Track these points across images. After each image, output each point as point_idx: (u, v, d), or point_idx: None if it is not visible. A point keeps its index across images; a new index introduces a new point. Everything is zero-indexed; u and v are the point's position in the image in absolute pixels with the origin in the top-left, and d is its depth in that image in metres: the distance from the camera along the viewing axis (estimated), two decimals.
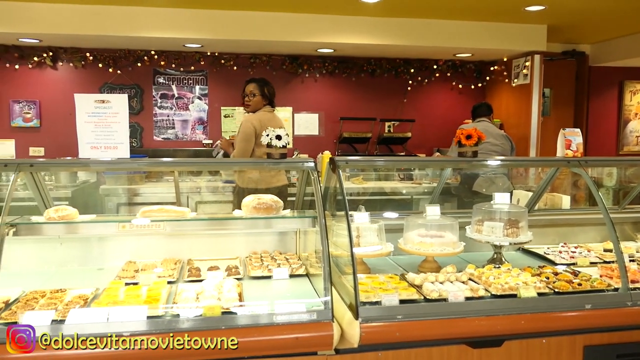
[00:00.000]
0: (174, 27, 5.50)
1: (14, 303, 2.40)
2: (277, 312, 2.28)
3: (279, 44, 5.94)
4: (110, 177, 5.19)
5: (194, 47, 6.11)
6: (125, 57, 6.26)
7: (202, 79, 6.52)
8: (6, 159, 5.33)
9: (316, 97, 6.85)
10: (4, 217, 2.29)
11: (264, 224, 2.77)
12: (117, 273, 2.87)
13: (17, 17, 5.29)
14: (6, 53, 6.08)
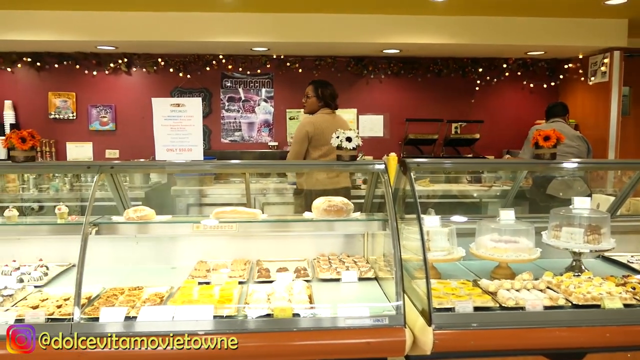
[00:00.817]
0: (241, 31, 5.60)
1: (96, 299, 2.50)
2: (348, 316, 2.26)
3: (344, 45, 5.93)
4: (181, 178, 5.35)
5: (260, 51, 6.20)
6: (195, 61, 6.45)
7: (268, 82, 6.61)
8: (89, 161, 5.62)
9: (381, 98, 6.80)
10: (87, 216, 2.40)
11: (334, 226, 2.76)
12: (190, 272, 2.94)
13: (96, 26, 5.55)
14: (85, 60, 6.40)
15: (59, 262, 3.14)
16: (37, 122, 6.41)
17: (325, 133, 4.38)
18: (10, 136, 2.52)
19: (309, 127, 4.40)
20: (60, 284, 2.85)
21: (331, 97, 4.53)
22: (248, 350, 2.16)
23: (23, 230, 2.78)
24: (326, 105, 4.54)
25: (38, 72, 6.44)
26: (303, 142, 4.39)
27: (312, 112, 4.56)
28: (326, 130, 4.38)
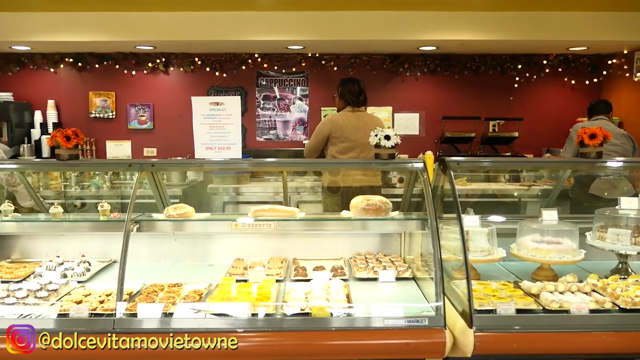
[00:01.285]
0: (277, 29, 5.62)
1: (137, 295, 2.55)
2: (386, 316, 2.24)
3: (379, 43, 5.88)
4: (218, 176, 5.40)
5: (295, 49, 6.20)
6: (231, 60, 6.49)
7: (303, 80, 6.61)
8: (131, 160, 5.72)
9: (417, 96, 6.71)
10: (129, 213, 2.44)
11: (372, 225, 2.73)
12: (227, 270, 2.97)
13: (135, 26, 5.65)
14: (124, 60, 6.53)
15: (99, 258, 3.21)
16: (78, 121, 6.57)
17: (343, 130, 4.41)
18: (55, 135, 2.59)
19: (328, 123, 4.46)
20: (102, 280, 2.91)
21: (351, 94, 4.50)
22: (287, 349, 2.16)
23: (67, 227, 2.85)
24: (347, 103, 4.53)
25: (79, 72, 6.60)
26: (318, 137, 4.47)
27: (339, 110, 4.60)
28: (345, 127, 4.42)
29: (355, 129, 4.39)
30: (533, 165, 4.49)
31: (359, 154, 4.32)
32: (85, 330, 2.19)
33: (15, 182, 4.14)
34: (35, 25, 5.63)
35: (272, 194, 5.46)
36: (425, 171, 2.59)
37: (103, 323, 2.21)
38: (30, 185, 3.57)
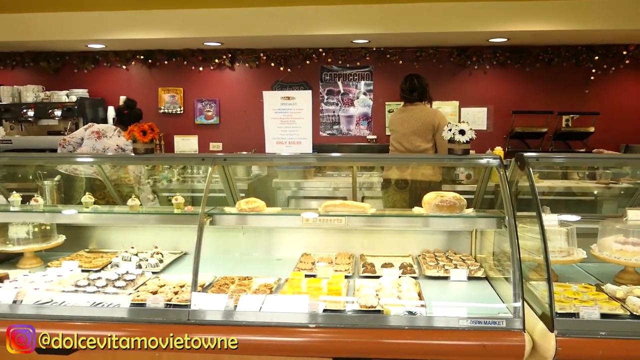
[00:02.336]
0: (342, 23, 5.58)
1: (209, 287, 2.59)
2: (461, 316, 2.17)
3: (447, 35, 5.72)
4: (283, 170, 5.43)
5: (360, 43, 6.14)
6: (295, 55, 6.52)
7: (367, 75, 6.55)
8: (204, 154, 5.84)
9: (485, 89, 6.50)
10: (203, 207, 2.48)
11: (443, 222, 2.65)
12: (296, 264, 2.97)
13: (203, 23, 5.77)
14: (192, 57, 6.68)
15: (170, 249, 3.30)
16: (148, 116, 6.75)
17: (395, 124, 4.56)
18: (132, 129, 2.66)
19: (391, 117, 4.67)
20: (174, 271, 2.98)
21: (403, 91, 4.57)
22: (358, 346, 2.13)
23: (142, 219, 2.93)
24: (402, 98, 4.63)
25: (149, 68, 6.81)
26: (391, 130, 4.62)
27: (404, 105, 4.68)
28: (395, 122, 4.56)
29: (401, 120, 4.51)
30: (618, 162, 4.20)
31: (401, 143, 4.45)
32: (161, 320, 2.25)
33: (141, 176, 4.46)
34: (109, 23, 5.86)
35: (336, 189, 5.44)
36: (502, 167, 2.48)
37: (178, 314, 2.26)
38: (108, 178, 3.71)
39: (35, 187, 3.39)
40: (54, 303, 2.39)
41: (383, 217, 2.81)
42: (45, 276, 2.69)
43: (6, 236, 3.08)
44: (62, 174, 4.05)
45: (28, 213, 2.91)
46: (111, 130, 4.73)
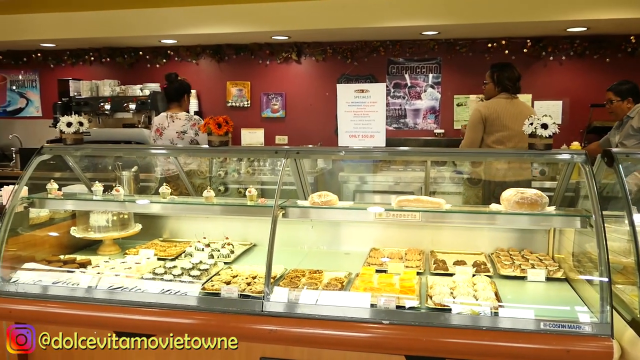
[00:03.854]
0: (412, 15, 5.47)
1: (280, 279, 2.61)
2: (542, 318, 2.07)
3: (521, 25, 5.48)
4: (349, 164, 5.42)
5: (429, 35, 6.00)
6: (362, 48, 6.46)
7: (435, 67, 6.40)
8: (277, 147, 5.91)
9: (560, 82, 6.19)
10: (276, 199, 2.49)
11: (522, 220, 2.54)
12: (365, 259, 2.94)
13: (271, 17, 5.82)
14: (259, 51, 6.76)
15: (240, 240, 3.35)
16: (216, 109, 6.94)
17: (501, 117, 4.13)
18: (207, 122, 2.71)
19: (484, 110, 4.17)
20: (245, 262, 3.03)
21: (510, 80, 4.22)
22: (434, 345, 2.08)
23: (215, 210, 2.99)
24: (504, 89, 4.25)
25: (218, 63, 6.95)
26: (477, 128, 4.17)
27: (490, 98, 4.32)
28: (502, 115, 4.13)
29: (513, 116, 4.11)
30: None
31: (517, 144, 4.03)
32: (236, 311, 2.28)
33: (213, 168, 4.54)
34: (181, 19, 6.02)
35: (402, 184, 5.36)
36: (588, 164, 2.35)
37: (252, 304, 2.29)
38: (182, 169, 3.81)
39: (114, 178, 3.53)
40: (133, 289, 2.48)
41: (461, 213, 2.72)
42: (124, 263, 2.79)
43: (87, 224, 3.23)
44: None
45: (110, 202, 3.03)
46: (163, 118, 4.76)
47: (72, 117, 2.92)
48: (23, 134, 7.24)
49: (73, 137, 2.93)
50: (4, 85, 7.51)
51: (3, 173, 6.36)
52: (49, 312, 2.49)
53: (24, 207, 2.94)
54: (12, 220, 2.73)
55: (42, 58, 7.18)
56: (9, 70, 7.43)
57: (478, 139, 4.17)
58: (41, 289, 2.56)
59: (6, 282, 2.60)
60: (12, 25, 6.38)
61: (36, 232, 3.06)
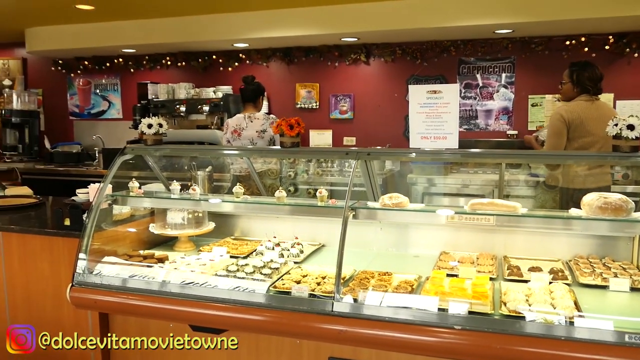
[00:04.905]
0: (485, 13, 5.33)
1: (349, 280, 2.62)
2: (627, 331, 1.96)
3: (603, 21, 5.19)
4: (418, 166, 5.35)
5: (502, 33, 5.82)
6: (432, 48, 6.36)
7: (509, 67, 6.19)
8: (347, 148, 5.96)
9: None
10: (347, 201, 2.50)
11: (604, 226, 2.41)
12: (436, 263, 2.89)
13: (341, 19, 5.85)
14: (328, 52, 6.81)
15: (308, 241, 3.39)
16: (286, 111, 7.05)
17: (584, 122, 3.85)
18: (280, 123, 2.77)
19: (567, 114, 3.88)
20: (314, 262, 3.06)
21: (591, 80, 3.94)
22: (506, 353, 2.02)
23: (286, 210, 3.04)
24: (584, 90, 3.98)
25: (288, 65, 7.06)
26: (561, 134, 3.88)
27: (569, 99, 4.06)
28: (585, 119, 3.86)
29: (595, 120, 3.84)
30: None
31: (599, 150, 3.78)
32: (306, 310, 2.31)
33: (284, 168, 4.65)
34: (252, 23, 6.18)
35: (473, 187, 5.23)
36: None
37: (322, 304, 2.31)
38: (255, 170, 3.91)
39: (190, 177, 3.67)
40: (207, 285, 2.57)
41: (538, 218, 2.62)
42: (199, 259, 2.89)
43: (165, 221, 3.37)
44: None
45: (186, 201, 3.15)
46: (241, 119, 4.87)
47: (152, 119, 3.07)
48: (105, 134, 7.67)
49: (153, 138, 3.08)
50: (88, 89, 7.99)
51: (87, 172, 6.76)
52: (130, 303, 2.63)
53: (108, 204, 3.11)
54: (97, 216, 2.90)
55: (123, 63, 7.57)
56: (93, 74, 7.89)
57: (562, 146, 3.89)
58: (122, 282, 2.71)
59: (92, 275, 2.77)
60: (96, 33, 6.79)
61: (118, 228, 3.23)
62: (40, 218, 3.59)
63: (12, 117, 7.48)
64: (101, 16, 6.40)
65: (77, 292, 2.74)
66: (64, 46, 7.07)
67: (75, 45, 6.99)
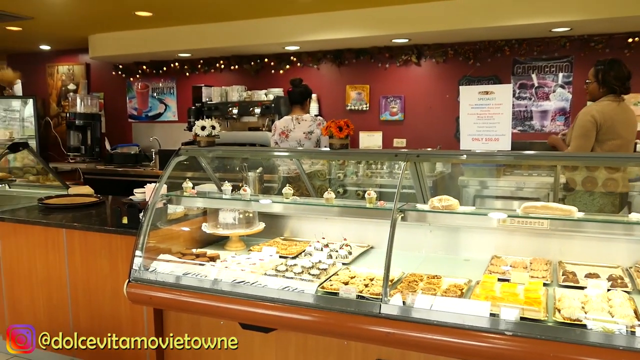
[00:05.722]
0: (540, 11, 5.18)
1: (397, 283, 2.60)
2: None
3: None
4: (469, 168, 5.25)
5: (560, 32, 5.64)
6: (485, 48, 6.22)
7: (566, 66, 5.98)
8: (396, 150, 5.94)
9: None
10: (396, 203, 2.49)
11: None
12: (487, 267, 2.84)
13: (392, 20, 5.83)
14: (379, 54, 6.78)
15: (357, 242, 3.39)
16: (336, 113, 7.08)
17: (615, 125, 3.69)
18: (329, 125, 2.79)
19: (598, 115, 3.71)
20: (362, 264, 3.06)
21: (618, 79, 3.74)
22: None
23: (334, 211, 3.05)
24: (611, 90, 3.78)
25: (338, 67, 7.08)
26: (589, 135, 3.71)
27: (594, 99, 3.88)
28: (616, 121, 3.70)
29: (624, 122, 3.72)
30: None
31: (624, 147, 3.67)
32: (353, 311, 2.32)
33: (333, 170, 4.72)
34: (304, 26, 6.24)
35: (527, 190, 5.09)
36: None
37: (370, 306, 2.31)
38: (304, 171, 3.95)
39: (241, 178, 3.74)
40: (257, 284, 2.62)
41: (595, 222, 2.53)
42: (249, 259, 2.95)
43: (217, 221, 3.46)
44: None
45: (237, 201, 3.22)
46: (288, 121, 4.92)
47: (205, 121, 3.15)
48: (161, 136, 7.93)
49: (206, 140, 3.17)
50: (146, 93, 8.29)
51: (144, 172, 7.01)
52: (183, 300, 2.72)
53: (163, 203, 3.21)
54: (153, 215, 3.01)
55: (179, 67, 7.80)
56: (151, 78, 8.18)
57: (589, 148, 3.73)
58: (176, 279, 2.80)
59: (147, 271, 2.88)
60: (154, 38, 7.04)
61: (172, 227, 3.33)
62: (100, 216, 3.75)
63: (76, 119, 7.87)
64: (159, 22, 6.63)
65: (133, 288, 2.86)
66: (124, 51, 7.37)
67: (134, 50, 7.28)
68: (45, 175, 5.46)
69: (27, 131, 8.25)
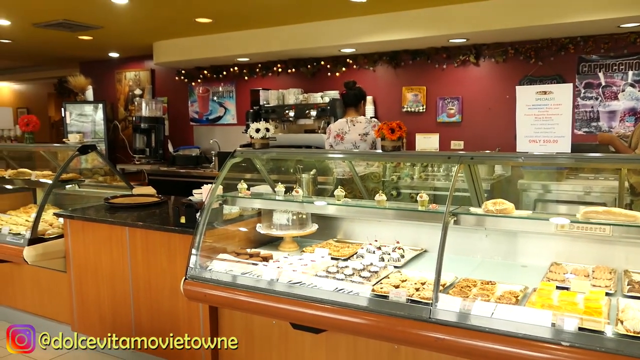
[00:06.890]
0: (607, 6, 4.94)
1: (450, 287, 2.55)
2: None
3: None
4: (530, 171, 5.08)
5: (629, 27, 5.35)
6: (548, 47, 5.99)
7: (636, 63, 5.66)
8: (449, 152, 5.86)
9: None
10: (448, 206, 2.45)
11: None
12: (545, 274, 2.74)
13: (449, 20, 5.72)
14: (436, 55, 6.68)
15: (410, 245, 3.35)
16: (392, 115, 7.02)
17: None
18: (381, 127, 2.77)
19: None
20: (414, 267, 3.03)
21: None
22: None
23: (388, 214, 3.03)
24: None
25: (394, 69, 7.03)
26: None
27: None
28: None
29: None
30: None
31: None
32: (403, 315, 2.30)
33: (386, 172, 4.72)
34: (359, 28, 6.23)
35: (591, 194, 4.86)
36: None
37: (420, 310, 2.28)
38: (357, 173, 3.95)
39: (295, 179, 3.78)
40: (309, 285, 2.64)
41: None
42: (301, 260, 2.98)
43: (271, 222, 3.51)
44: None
45: (291, 203, 3.26)
46: (343, 124, 4.91)
47: (259, 124, 3.21)
48: (221, 139, 8.14)
49: (260, 142, 3.23)
50: (207, 97, 8.53)
51: (204, 173, 7.22)
52: (237, 299, 2.78)
53: (219, 204, 3.30)
54: (209, 215, 3.10)
55: (238, 71, 7.99)
56: (211, 83, 8.41)
57: None
58: (230, 278, 2.87)
59: (203, 270, 2.96)
60: (214, 44, 7.25)
61: (228, 227, 3.41)
62: (161, 215, 3.89)
63: (141, 123, 8.22)
64: (218, 28, 6.82)
65: (189, 286, 2.95)
66: (186, 57, 7.62)
67: (195, 56, 7.52)
68: (112, 176, 5.72)
69: (98, 134, 8.72)
